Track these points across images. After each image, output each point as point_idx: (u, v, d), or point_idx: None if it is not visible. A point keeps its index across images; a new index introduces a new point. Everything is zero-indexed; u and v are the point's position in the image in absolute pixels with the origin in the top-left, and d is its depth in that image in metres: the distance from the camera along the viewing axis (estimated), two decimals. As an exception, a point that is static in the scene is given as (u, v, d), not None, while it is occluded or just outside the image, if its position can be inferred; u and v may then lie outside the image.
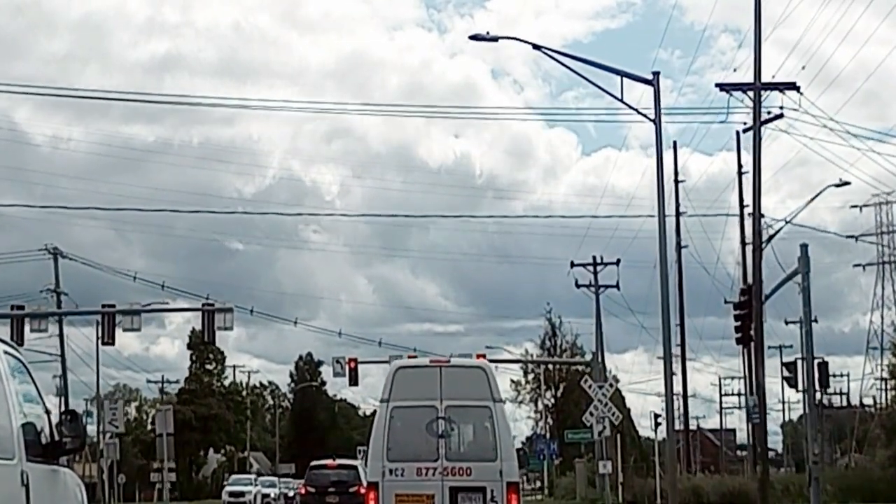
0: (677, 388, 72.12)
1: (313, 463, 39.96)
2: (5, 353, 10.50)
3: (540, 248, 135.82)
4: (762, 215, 38.15)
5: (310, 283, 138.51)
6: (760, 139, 38.06)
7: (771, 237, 37.65)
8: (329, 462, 38.91)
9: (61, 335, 65.88)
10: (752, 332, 47.37)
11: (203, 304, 48.09)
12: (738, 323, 47.18)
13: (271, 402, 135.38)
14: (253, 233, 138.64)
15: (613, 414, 39.10)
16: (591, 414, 38.66)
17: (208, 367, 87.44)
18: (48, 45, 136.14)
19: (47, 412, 11.43)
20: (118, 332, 47.78)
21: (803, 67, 38.43)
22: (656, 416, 57.51)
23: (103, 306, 47.86)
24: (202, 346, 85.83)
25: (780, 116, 37.85)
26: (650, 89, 31.00)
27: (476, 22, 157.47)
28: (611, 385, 39.30)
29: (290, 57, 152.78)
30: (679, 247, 67.12)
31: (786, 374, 40.60)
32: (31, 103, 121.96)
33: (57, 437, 11.21)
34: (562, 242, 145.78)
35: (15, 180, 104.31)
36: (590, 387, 40.05)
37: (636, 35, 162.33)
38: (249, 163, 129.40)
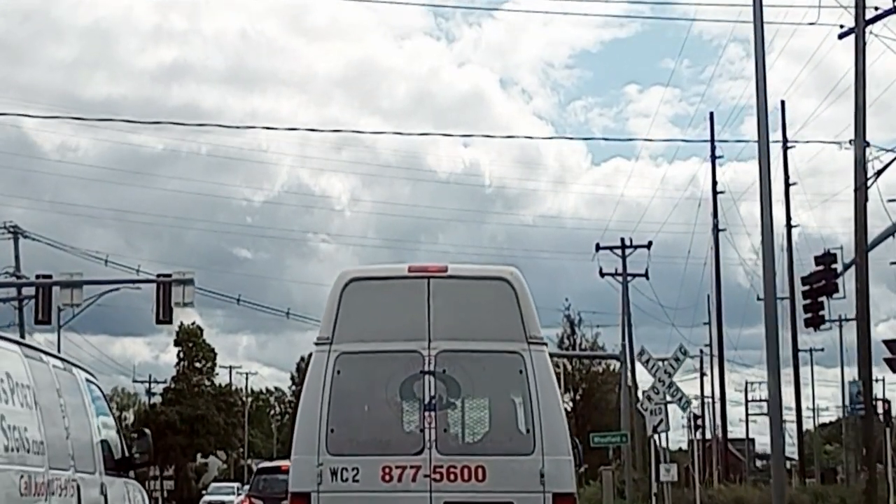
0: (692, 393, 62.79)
1: (261, 466, 28.80)
2: (87, 380, 11.90)
3: (551, 256, 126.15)
4: (867, 143, 27.33)
5: (318, 291, 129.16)
6: (865, 43, 27.51)
7: (879, 172, 26.79)
8: (283, 464, 26.98)
9: (21, 324, 55.19)
10: (823, 314, 38.16)
11: (158, 276, 37.50)
12: (808, 301, 37.34)
13: (279, 409, 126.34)
14: (261, 241, 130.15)
15: (681, 399, 27.78)
16: (650, 399, 27.21)
17: (197, 364, 77.12)
18: (55, 52, 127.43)
19: (119, 431, 12.61)
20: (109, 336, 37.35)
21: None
22: (695, 417, 47.57)
23: (38, 277, 37.37)
24: (191, 341, 76.04)
25: (894, 11, 27.15)
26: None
27: (484, 31, 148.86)
28: (676, 359, 27.79)
29: (297, 65, 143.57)
30: (716, 229, 57.47)
31: (888, 355, 30.74)
32: (39, 111, 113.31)
33: (127, 453, 12.47)
34: (573, 253, 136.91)
35: (23, 188, 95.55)
36: (647, 361, 28.40)
37: (645, 44, 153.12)
38: (258, 171, 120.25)
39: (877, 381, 78.93)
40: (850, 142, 28.18)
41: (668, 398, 27.40)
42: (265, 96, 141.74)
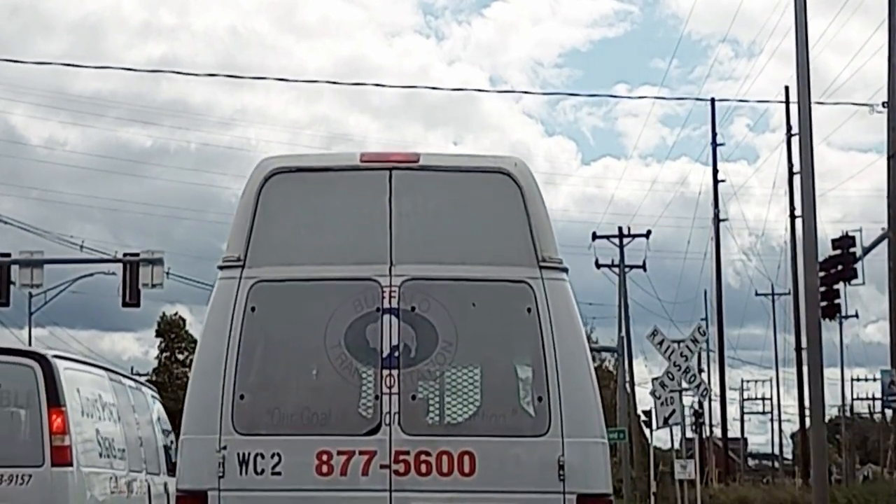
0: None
1: None
2: (152, 396, 14.02)
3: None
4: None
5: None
6: (902, -6, 23.99)
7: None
8: None
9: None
10: (838, 302, 34.97)
11: (125, 255, 33.89)
12: (824, 288, 33.92)
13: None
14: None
15: (699, 386, 23.94)
16: (663, 386, 23.24)
17: (179, 356, 73.56)
18: (45, 47, 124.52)
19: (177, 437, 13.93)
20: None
21: None
22: (697, 414, 44.25)
23: (-7, 255, 33.75)
24: (172, 332, 72.47)
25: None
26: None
27: (473, 29, 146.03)
28: (694, 341, 23.80)
29: (287, 62, 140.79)
30: (717, 219, 54.05)
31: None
32: (27, 104, 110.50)
33: None
34: (564, 246, 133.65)
35: (10, 183, 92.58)
36: (660, 342, 24.19)
37: (634, 43, 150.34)
38: (248, 167, 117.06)
39: (868, 380, 75.80)
40: (883, 104, 24.63)
41: (685, 385, 23.57)
42: (255, 92, 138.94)
